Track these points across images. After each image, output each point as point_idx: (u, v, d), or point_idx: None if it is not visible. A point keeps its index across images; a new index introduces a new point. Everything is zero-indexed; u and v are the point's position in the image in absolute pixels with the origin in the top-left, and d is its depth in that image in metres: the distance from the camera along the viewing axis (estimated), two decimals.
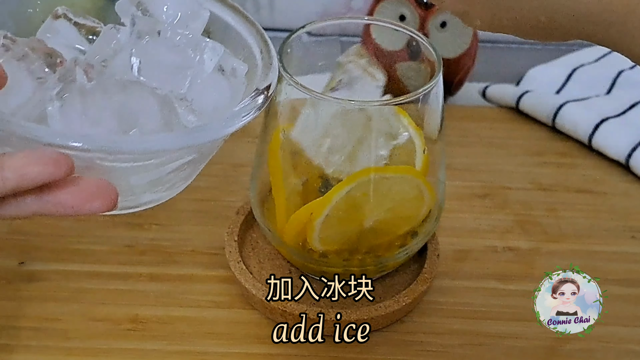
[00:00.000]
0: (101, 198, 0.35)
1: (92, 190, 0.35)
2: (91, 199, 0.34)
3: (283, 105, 0.50)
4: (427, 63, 0.52)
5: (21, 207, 0.35)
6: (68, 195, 0.34)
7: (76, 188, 0.34)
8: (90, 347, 0.51)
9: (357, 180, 0.48)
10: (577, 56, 0.81)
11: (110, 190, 0.35)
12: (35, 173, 0.33)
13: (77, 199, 0.34)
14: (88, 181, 0.35)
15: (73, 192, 0.34)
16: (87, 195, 0.34)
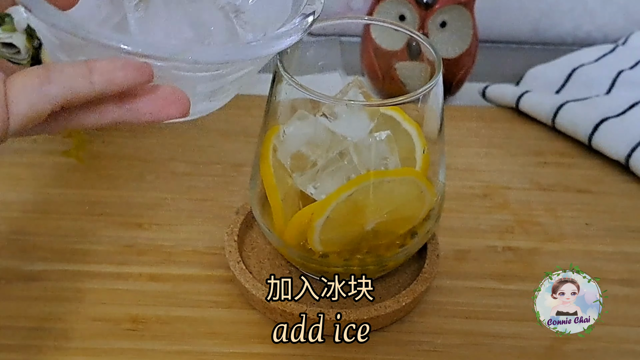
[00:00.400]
0: (176, 105, 0.37)
1: (168, 97, 0.37)
2: (167, 106, 0.37)
3: (283, 105, 0.50)
4: (427, 63, 0.52)
5: (102, 115, 0.36)
6: (146, 103, 0.36)
7: (154, 96, 0.36)
8: (90, 347, 0.51)
9: (359, 185, 0.48)
10: (577, 56, 0.81)
11: (183, 98, 0.37)
12: (122, 77, 0.34)
13: (155, 106, 0.36)
14: (164, 89, 0.37)
15: (151, 100, 0.36)
16: (164, 102, 0.37)
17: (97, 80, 0.34)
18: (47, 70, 0.34)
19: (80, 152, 0.65)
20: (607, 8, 0.88)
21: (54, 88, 0.34)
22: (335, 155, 0.49)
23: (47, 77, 0.34)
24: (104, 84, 0.35)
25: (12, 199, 0.62)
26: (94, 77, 0.34)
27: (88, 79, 0.34)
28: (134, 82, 0.35)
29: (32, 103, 0.34)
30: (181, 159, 0.67)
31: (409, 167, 0.50)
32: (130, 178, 0.65)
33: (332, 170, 0.49)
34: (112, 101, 0.36)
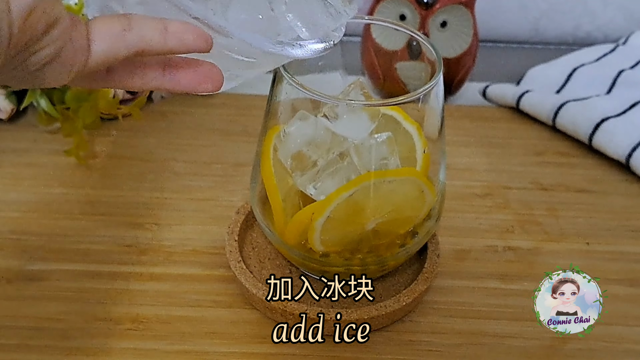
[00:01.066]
0: (212, 81, 0.39)
1: (206, 73, 0.39)
2: (204, 81, 0.39)
3: (283, 105, 0.50)
4: (427, 63, 0.52)
5: (147, 80, 0.39)
6: (187, 75, 0.39)
7: (195, 70, 0.39)
8: (90, 347, 0.51)
9: (359, 185, 0.48)
10: (577, 56, 0.81)
11: (219, 76, 0.40)
12: (191, 41, 0.37)
13: (194, 79, 0.39)
14: (205, 65, 0.39)
15: (191, 73, 0.39)
16: (202, 77, 0.39)
17: (170, 38, 0.36)
18: (128, 19, 0.36)
19: (80, 152, 0.65)
20: (607, 8, 0.88)
21: (133, 36, 0.36)
22: (335, 156, 0.49)
23: (129, 24, 0.36)
24: (175, 43, 0.37)
25: (12, 199, 0.62)
26: (168, 35, 0.36)
27: (164, 35, 0.36)
28: (197, 49, 0.37)
29: (112, 46, 0.36)
30: (181, 159, 0.67)
31: (409, 167, 0.50)
32: (130, 178, 0.65)
33: (332, 171, 0.49)
34: (158, 68, 0.39)
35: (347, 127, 0.49)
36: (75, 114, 0.67)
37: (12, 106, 0.69)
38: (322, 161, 0.49)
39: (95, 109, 0.67)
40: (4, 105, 0.68)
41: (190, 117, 0.72)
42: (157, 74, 0.39)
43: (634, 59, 0.79)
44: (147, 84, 0.39)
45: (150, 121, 0.71)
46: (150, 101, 0.73)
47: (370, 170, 0.49)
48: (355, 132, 0.49)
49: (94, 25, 0.36)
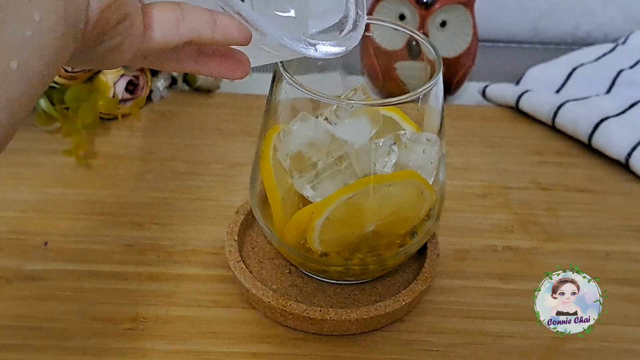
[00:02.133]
0: (240, 70, 0.42)
1: (236, 62, 0.42)
2: (233, 70, 0.42)
3: (283, 105, 0.50)
4: (427, 62, 0.52)
5: (180, 64, 0.41)
6: (218, 63, 0.41)
7: (226, 59, 0.41)
8: (90, 347, 0.51)
9: (360, 188, 0.48)
10: (577, 55, 0.81)
11: (247, 66, 0.42)
12: (235, 36, 0.38)
13: (224, 67, 0.42)
14: (235, 54, 0.42)
15: (223, 62, 0.41)
16: (232, 66, 0.42)
17: (218, 31, 0.38)
18: (181, 9, 0.38)
19: (79, 151, 0.65)
20: (607, 8, 0.88)
21: (185, 27, 0.37)
22: (334, 159, 0.49)
23: (182, 14, 0.37)
24: (221, 36, 0.38)
25: (12, 199, 0.62)
26: (217, 29, 0.38)
27: (212, 28, 0.38)
28: (238, 44, 0.39)
29: (166, 34, 0.37)
30: (181, 159, 0.67)
31: (408, 170, 0.50)
32: (130, 178, 0.65)
33: (330, 174, 0.49)
34: (192, 54, 0.41)
35: (348, 130, 0.49)
36: (74, 114, 0.67)
37: None
38: (321, 164, 0.49)
39: (95, 108, 0.67)
40: None
41: (190, 117, 0.72)
42: (191, 60, 0.41)
43: (634, 58, 0.79)
44: (180, 68, 0.41)
45: (150, 121, 0.71)
46: (150, 101, 0.73)
47: (369, 174, 0.48)
48: (356, 136, 0.49)
49: (150, 13, 0.37)
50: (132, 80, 0.71)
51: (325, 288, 0.55)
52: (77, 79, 0.67)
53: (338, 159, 0.49)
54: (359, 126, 0.49)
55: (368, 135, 0.49)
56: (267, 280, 0.55)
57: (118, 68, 0.38)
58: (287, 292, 0.54)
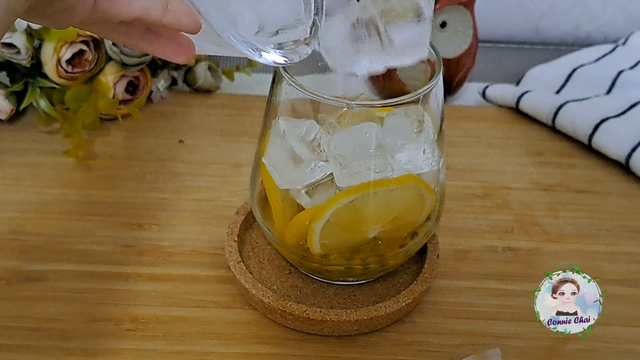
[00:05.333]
0: (184, 55, 0.42)
1: (181, 47, 0.42)
2: (177, 53, 0.42)
3: (283, 105, 0.50)
4: (427, 63, 0.52)
5: (128, 37, 0.42)
6: (164, 44, 0.42)
7: (172, 42, 0.42)
8: (90, 347, 0.51)
9: (360, 192, 0.48)
10: (577, 56, 0.81)
11: (192, 51, 0.43)
12: (185, 23, 0.39)
13: (169, 49, 0.42)
14: (182, 39, 0.42)
15: (169, 44, 0.42)
16: (177, 49, 0.42)
17: (169, 15, 0.39)
18: None
19: (79, 152, 0.65)
20: (607, 8, 0.88)
21: (138, 4, 0.38)
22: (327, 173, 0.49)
23: None
24: (171, 21, 0.39)
25: (12, 199, 0.62)
26: (168, 13, 0.39)
27: (164, 11, 0.39)
28: (187, 31, 0.40)
29: (117, 7, 0.38)
30: (181, 159, 0.67)
31: (408, 174, 0.50)
32: (130, 178, 0.65)
33: (326, 182, 0.49)
34: (140, 30, 0.42)
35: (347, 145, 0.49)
36: (74, 115, 0.67)
37: (12, 106, 0.69)
38: (318, 173, 0.49)
39: (95, 109, 0.67)
40: (4, 106, 0.68)
41: (190, 118, 0.72)
42: (138, 36, 0.42)
43: (634, 59, 0.79)
44: (126, 41, 0.42)
45: (150, 121, 0.71)
46: (150, 102, 0.73)
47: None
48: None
49: None
50: (132, 81, 0.71)
51: (325, 289, 0.55)
52: (77, 80, 0.67)
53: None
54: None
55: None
56: (267, 281, 0.55)
57: (66, 28, 0.40)
58: (287, 292, 0.54)
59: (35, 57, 0.66)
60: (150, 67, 0.72)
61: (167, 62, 0.74)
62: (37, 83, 0.68)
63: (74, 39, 0.66)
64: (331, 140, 0.48)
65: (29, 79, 0.68)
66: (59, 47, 0.65)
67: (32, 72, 0.68)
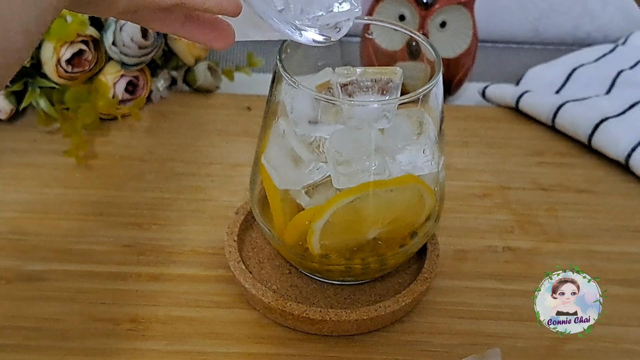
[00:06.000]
0: (223, 40, 0.43)
1: (221, 33, 0.43)
2: (216, 39, 0.43)
3: (282, 105, 0.50)
4: (426, 63, 0.52)
5: (166, 24, 0.42)
6: (203, 31, 0.43)
7: (212, 29, 0.43)
8: (90, 347, 0.51)
9: (360, 192, 0.48)
10: (577, 56, 0.81)
11: (231, 37, 0.43)
12: (226, 6, 0.40)
13: (208, 36, 0.43)
14: (222, 25, 0.43)
15: (208, 30, 0.43)
16: (216, 35, 0.43)
17: (210, 0, 0.40)
18: None
19: (79, 152, 0.65)
20: (607, 8, 0.88)
21: None
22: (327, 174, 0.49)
23: None
24: (213, 5, 0.40)
25: (12, 199, 0.62)
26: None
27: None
28: (228, 14, 0.40)
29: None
30: (181, 159, 0.67)
31: (408, 174, 0.50)
32: (130, 178, 0.65)
33: (326, 183, 0.49)
34: (179, 18, 0.42)
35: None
36: (74, 114, 0.67)
37: (12, 106, 0.69)
38: (317, 174, 0.49)
39: (95, 109, 0.67)
40: (4, 106, 0.68)
41: (190, 117, 0.72)
42: (177, 23, 0.42)
43: (634, 59, 0.79)
44: (165, 29, 0.43)
45: (150, 121, 0.71)
46: (150, 101, 0.73)
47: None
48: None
49: None
50: (132, 81, 0.71)
51: (325, 288, 0.55)
52: (77, 80, 0.67)
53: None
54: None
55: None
56: (266, 281, 0.55)
57: (109, 17, 0.41)
58: (286, 292, 0.54)
59: (35, 57, 0.66)
60: (150, 67, 0.72)
61: (167, 62, 0.74)
62: (37, 83, 0.68)
63: (74, 39, 0.66)
64: (328, 140, 0.48)
65: (29, 79, 0.68)
66: (58, 47, 0.65)
67: (32, 72, 0.68)
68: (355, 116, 0.47)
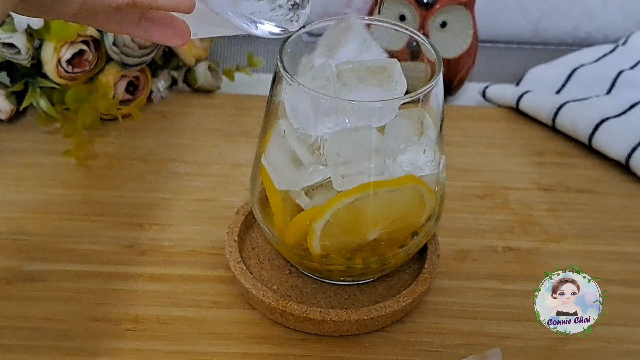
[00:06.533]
0: (180, 38, 0.43)
1: (176, 30, 0.43)
2: (173, 37, 0.43)
3: (283, 105, 0.50)
4: (427, 63, 0.52)
5: (122, 26, 0.42)
6: (159, 29, 0.42)
7: (167, 26, 0.42)
8: (90, 347, 0.51)
9: (361, 193, 0.48)
10: (577, 56, 0.81)
11: (187, 34, 0.43)
12: (179, 3, 0.40)
13: (164, 34, 0.43)
14: (177, 23, 0.43)
15: (163, 28, 0.42)
16: (173, 33, 0.43)
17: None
18: None
19: (80, 152, 0.65)
20: (607, 8, 0.88)
21: None
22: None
23: None
24: (165, 2, 0.40)
25: (12, 199, 0.62)
26: None
27: None
28: (182, 11, 0.40)
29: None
30: (181, 159, 0.67)
31: (409, 175, 0.50)
32: (130, 178, 0.65)
33: (326, 184, 0.49)
34: (135, 18, 0.42)
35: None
36: (74, 115, 0.67)
37: (12, 106, 0.69)
38: (317, 176, 0.49)
39: (95, 109, 0.67)
40: (4, 106, 0.68)
41: (190, 118, 0.72)
42: (133, 24, 0.42)
43: (634, 59, 0.79)
44: (122, 30, 0.42)
45: (150, 122, 0.71)
46: (150, 102, 0.73)
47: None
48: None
49: None
50: (132, 81, 0.71)
51: (325, 289, 0.55)
52: (78, 80, 0.67)
53: None
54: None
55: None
56: (267, 281, 0.55)
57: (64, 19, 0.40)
58: (287, 292, 0.54)
59: (35, 57, 0.66)
60: (151, 67, 0.72)
61: (167, 62, 0.74)
62: (37, 83, 0.68)
63: (74, 39, 0.66)
64: (328, 141, 0.48)
65: (29, 79, 0.68)
66: (59, 47, 0.65)
67: (32, 72, 0.68)
68: (355, 110, 0.47)
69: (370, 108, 0.48)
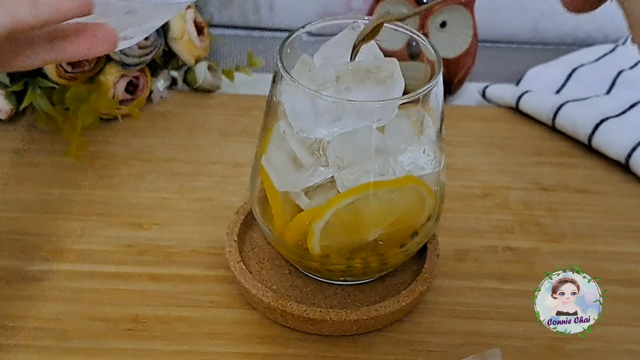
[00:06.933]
0: (105, 43, 0.38)
1: (96, 36, 0.38)
2: (96, 44, 0.38)
3: (283, 105, 0.50)
4: (426, 63, 0.52)
5: (35, 57, 0.38)
6: (76, 42, 0.38)
7: (83, 35, 0.38)
8: (90, 347, 0.51)
9: (360, 193, 0.48)
10: (577, 56, 0.81)
11: (113, 35, 0.38)
12: (68, 6, 0.35)
13: (84, 45, 0.38)
14: (92, 27, 0.38)
15: (80, 39, 0.38)
16: (93, 41, 0.38)
17: (42, 9, 0.35)
18: None
19: (80, 152, 0.65)
20: (607, 8, 0.88)
21: (1, 15, 0.34)
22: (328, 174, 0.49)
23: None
24: (49, 12, 0.35)
25: (12, 199, 0.62)
26: (40, 6, 0.35)
27: (34, 7, 0.35)
28: (77, 14, 0.36)
29: None
30: (181, 159, 0.67)
31: (409, 175, 0.50)
32: (130, 178, 0.65)
33: (326, 185, 0.49)
34: (44, 42, 0.38)
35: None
36: (74, 115, 0.67)
37: (12, 106, 0.69)
38: (317, 177, 0.49)
39: (95, 109, 0.67)
40: (4, 105, 0.68)
41: (189, 117, 0.72)
42: (45, 50, 0.38)
43: (634, 59, 0.79)
44: (37, 60, 0.38)
45: (150, 121, 0.71)
46: (150, 102, 0.73)
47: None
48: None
49: None
50: (132, 81, 0.71)
51: (325, 289, 0.55)
52: (77, 80, 0.67)
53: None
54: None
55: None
56: (267, 281, 0.55)
57: None
58: (287, 292, 0.54)
59: None
60: (150, 67, 0.72)
61: (167, 62, 0.74)
62: (37, 83, 0.68)
63: None
64: (329, 146, 0.48)
65: (29, 79, 0.68)
66: None
67: (32, 72, 0.68)
68: (355, 111, 0.47)
69: (370, 108, 0.48)
